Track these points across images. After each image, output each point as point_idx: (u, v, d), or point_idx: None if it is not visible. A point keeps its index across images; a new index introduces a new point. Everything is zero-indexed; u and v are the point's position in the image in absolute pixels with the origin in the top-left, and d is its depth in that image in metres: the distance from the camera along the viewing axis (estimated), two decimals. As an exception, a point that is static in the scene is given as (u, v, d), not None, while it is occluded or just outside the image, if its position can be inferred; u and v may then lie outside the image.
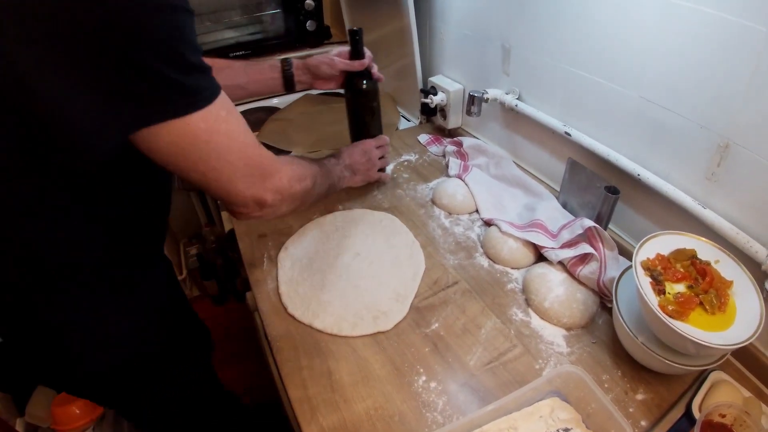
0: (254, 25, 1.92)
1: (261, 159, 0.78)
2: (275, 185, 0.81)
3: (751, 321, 0.74)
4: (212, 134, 0.68)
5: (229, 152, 0.71)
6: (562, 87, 1.15)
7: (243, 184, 0.76)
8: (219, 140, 0.69)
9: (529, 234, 1.07)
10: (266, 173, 0.79)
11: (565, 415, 0.77)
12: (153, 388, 1.05)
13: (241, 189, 0.76)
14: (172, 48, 0.60)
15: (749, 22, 0.74)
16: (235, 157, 0.72)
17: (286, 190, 0.84)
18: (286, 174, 0.84)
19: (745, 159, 0.81)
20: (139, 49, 0.57)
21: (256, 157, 0.77)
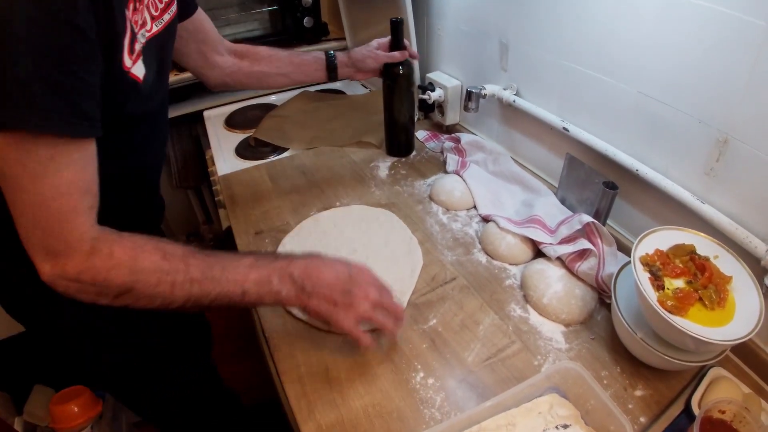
0: (252, 21, 1.92)
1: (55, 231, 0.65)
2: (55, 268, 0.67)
3: (751, 316, 0.73)
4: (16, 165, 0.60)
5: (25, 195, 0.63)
6: (560, 82, 1.14)
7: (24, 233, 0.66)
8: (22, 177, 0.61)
9: (528, 230, 1.06)
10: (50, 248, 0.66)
11: (564, 412, 0.76)
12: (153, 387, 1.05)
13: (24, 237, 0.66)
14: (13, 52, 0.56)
15: (748, 17, 0.73)
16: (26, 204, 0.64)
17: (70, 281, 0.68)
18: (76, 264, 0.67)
19: (744, 154, 0.81)
20: None
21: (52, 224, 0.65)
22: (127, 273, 0.69)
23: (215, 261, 0.75)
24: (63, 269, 0.67)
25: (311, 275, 0.78)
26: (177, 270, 0.71)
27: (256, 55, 1.25)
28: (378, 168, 1.44)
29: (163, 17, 0.87)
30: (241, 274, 0.75)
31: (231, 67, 1.22)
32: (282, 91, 2.01)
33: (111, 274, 0.68)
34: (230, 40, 1.84)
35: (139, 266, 0.69)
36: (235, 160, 1.54)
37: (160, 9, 0.86)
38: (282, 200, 1.30)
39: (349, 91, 1.98)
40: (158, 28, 0.85)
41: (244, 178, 1.42)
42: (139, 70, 0.75)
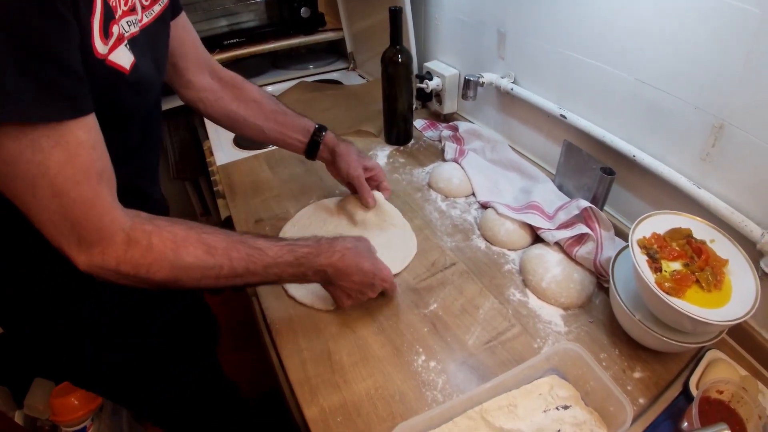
0: (248, 12, 1.92)
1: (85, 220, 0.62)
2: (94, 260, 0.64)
3: (747, 299, 0.74)
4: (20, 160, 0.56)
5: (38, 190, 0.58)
6: (558, 70, 1.15)
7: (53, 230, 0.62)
8: (28, 170, 0.56)
9: (526, 215, 1.07)
10: (83, 239, 0.63)
11: (564, 393, 0.78)
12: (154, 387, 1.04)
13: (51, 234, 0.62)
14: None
15: (744, 4, 0.74)
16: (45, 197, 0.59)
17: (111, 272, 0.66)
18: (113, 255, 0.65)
19: (740, 140, 0.82)
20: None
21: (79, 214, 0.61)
22: (169, 268, 0.68)
23: (257, 256, 0.76)
24: (102, 259, 0.64)
25: (342, 275, 0.85)
26: (221, 266, 0.72)
27: (242, 93, 1.11)
28: (377, 156, 1.44)
29: (153, 8, 0.80)
30: (281, 269, 0.79)
31: (207, 95, 1.07)
32: (279, 81, 2.01)
33: (153, 269, 0.67)
34: (227, 32, 1.87)
35: (181, 262, 0.69)
36: (233, 150, 1.54)
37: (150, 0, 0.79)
38: (281, 189, 1.30)
39: (346, 82, 1.98)
40: (149, 19, 0.77)
41: (243, 168, 1.42)
42: (122, 58, 0.67)
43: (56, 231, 0.61)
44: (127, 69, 0.68)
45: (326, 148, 1.15)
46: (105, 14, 0.63)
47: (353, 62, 2.10)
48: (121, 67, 0.67)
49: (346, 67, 2.13)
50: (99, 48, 0.62)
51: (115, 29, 0.66)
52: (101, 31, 0.62)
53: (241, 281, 0.76)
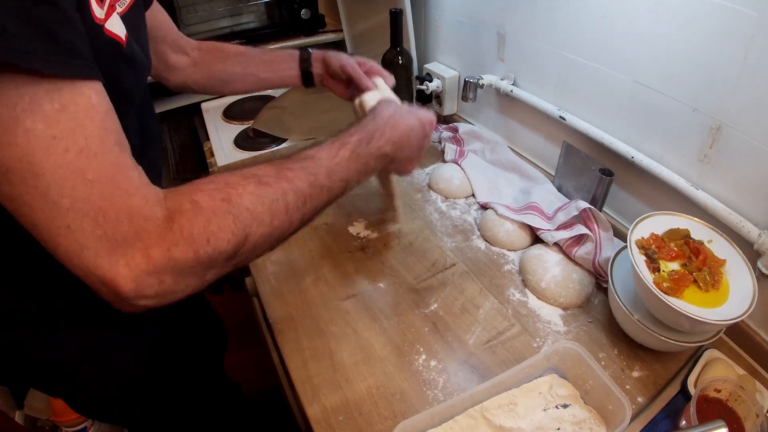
0: (249, 14, 1.92)
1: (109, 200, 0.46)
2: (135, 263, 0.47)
3: (744, 298, 0.75)
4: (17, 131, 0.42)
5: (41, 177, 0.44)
6: (557, 72, 1.16)
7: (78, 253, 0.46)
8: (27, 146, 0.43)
9: (525, 216, 1.08)
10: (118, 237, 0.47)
11: (564, 392, 0.78)
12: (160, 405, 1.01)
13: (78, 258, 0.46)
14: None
15: (740, 7, 0.75)
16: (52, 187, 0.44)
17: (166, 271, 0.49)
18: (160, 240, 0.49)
19: (737, 141, 0.82)
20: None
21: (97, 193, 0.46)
22: (232, 221, 0.52)
23: (313, 166, 0.64)
24: (147, 259, 0.47)
25: (402, 147, 0.79)
26: (285, 192, 0.59)
27: (221, 52, 1.08)
28: (377, 158, 1.45)
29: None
30: (344, 171, 0.68)
31: (191, 68, 1.05)
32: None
33: (213, 232, 0.51)
34: (227, 33, 1.87)
35: (240, 207, 0.54)
36: (234, 151, 1.55)
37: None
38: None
39: (346, 83, 1.99)
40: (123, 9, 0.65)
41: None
42: (117, 27, 0.58)
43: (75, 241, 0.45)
44: (123, 40, 0.59)
45: (317, 63, 1.09)
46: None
47: (353, 63, 2.10)
48: (118, 37, 0.58)
49: (346, 69, 2.13)
50: (96, 11, 0.53)
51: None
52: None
53: (312, 205, 0.63)
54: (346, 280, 1.03)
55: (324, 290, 1.00)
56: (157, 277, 0.48)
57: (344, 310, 0.96)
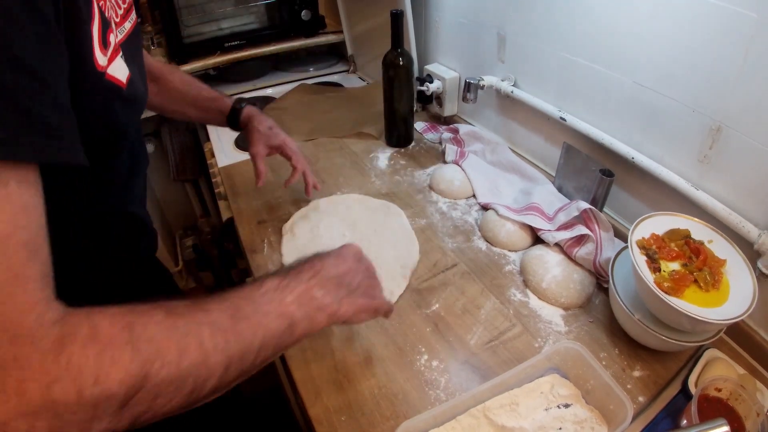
0: (249, 15, 1.92)
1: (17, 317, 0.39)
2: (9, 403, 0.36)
3: (744, 298, 0.75)
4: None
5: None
6: (557, 73, 1.16)
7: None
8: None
9: (526, 217, 1.09)
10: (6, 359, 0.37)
11: (565, 391, 0.79)
12: None
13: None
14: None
15: (740, 8, 0.75)
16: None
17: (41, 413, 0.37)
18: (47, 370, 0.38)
19: (737, 142, 0.83)
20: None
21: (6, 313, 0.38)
22: (130, 353, 0.42)
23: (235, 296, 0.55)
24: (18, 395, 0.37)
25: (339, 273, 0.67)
26: (199, 322, 0.49)
27: (167, 84, 1.10)
28: (377, 159, 1.45)
29: (124, 24, 0.71)
30: (276, 301, 0.57)
31: None
32: (280, 83, 2.02)
33: (103, 363, 0.40)
34: (228, 34, 1.88)
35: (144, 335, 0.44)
36: (234, 152, 1.55)
37: (120, 15, 0.70)
38: (283, 191, 1.31)
39: (346, 85, 2.00)
40: (122, 36, 0.67)
41: (244, 170, 1.43)
42: (120, 71, 0.59)
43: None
44: (123, 83, 0.60)
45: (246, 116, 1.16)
46: (102, 22, 0.55)
47: (353, 65, 2.11)
48: (119, 81, 0.59)
49: (346, 70, 2.14)
50: (99, 59, 0.53)
51: (112, 38, 0.58)
52: (100, 41, 0.54)
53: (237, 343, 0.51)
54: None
55: (325, 291, 1.00)
56: (27, 421, 0.37)
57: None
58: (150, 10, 1.70)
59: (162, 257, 2.29)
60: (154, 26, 1.71)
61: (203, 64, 1.82)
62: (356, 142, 1.54)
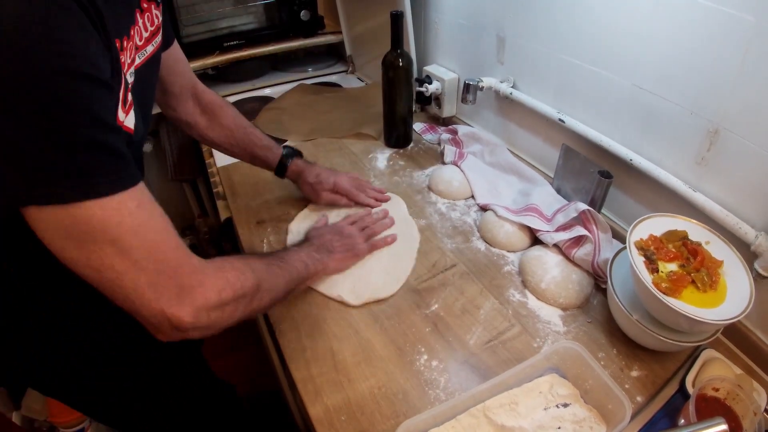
0: (248, 15, 1.92)
1: (179, 266, 0.63)
2: (197, 303, 0.64)
3: (742, 299, 0.76)
4: (111, 227, 0.56)
5: (133, 250, 0.58)
6: (556, 75, 1.17)
7: (152, 294, 0.61)
8: (121, 235, 0.57)
9: (525, 218, 1.09)
10: (184, 286, 0.63)
11: (564, 391, 0.79)
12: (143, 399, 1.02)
13: (149, 300, 0.61)
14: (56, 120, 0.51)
15: (738, 12, 0.76)
16: (141, 257, 0.59)
17: (214, 308, 0.66)
18: (212, 287, 0.66)
19: (734, 144, 0.83)
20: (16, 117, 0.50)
21: (172, 261, 0.62)
22: (251, 273, 0.73)
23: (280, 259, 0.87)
24: (205, 299, 0.65)
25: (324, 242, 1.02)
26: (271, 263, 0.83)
27: (216, 119, 1.16)
28: (376, 159, 1.46)
29: (146, 48, 0.79)
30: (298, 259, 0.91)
31: (187, 119, 1.14)
32: (279, 84, 2.02)
33: (241, 278, 0.71)
34: (226, 33, 1.88)
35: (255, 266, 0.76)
36: (233, 152, 1.55)
37: (145, 38, 0.79)
38: (282, 191, 1.31)
39: (345, 85, 2.00)
40: (141, 60, 0.76)
41: (243, 169, 1.42)
42: (130, 120, 0.68)
43: (155, 293, 0.61)
44: (132, 129, 0.68)
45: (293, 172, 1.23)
46: (125, 83, 0.65)
47: (352, 65, 2.11)
48: (130, 130, 0.67)
49: (345, 70, 2.14)
50: (120, 116, 0.64)
51: (129, 96, 0.67)
52: (122, 101, 0.64)
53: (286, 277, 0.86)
54: (347, 281, 1.03)
55: (325, 290, 1.01)
56: (210, 314, 0.66)
57: (345, 310, 0.96)
58: (149, 9, 1.70)
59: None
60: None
61: (202, 63, 1.82)
62: (355, 142, 1.54)
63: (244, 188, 1.35)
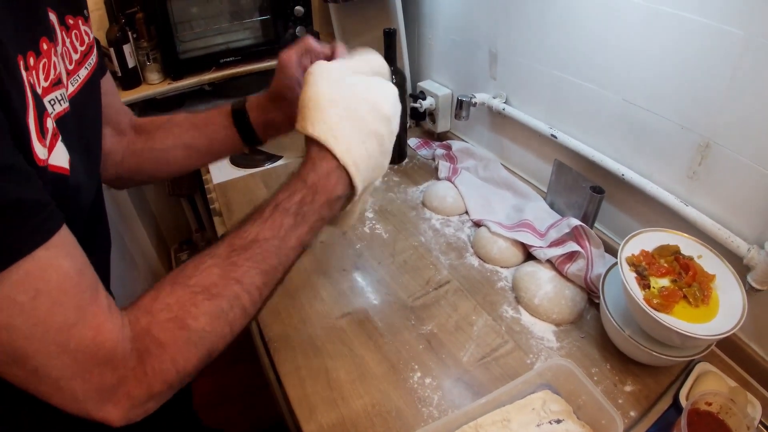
0: (244, 31, 1.93)
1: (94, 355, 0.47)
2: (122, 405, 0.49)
3: (734, 312, 0.76)
4: None
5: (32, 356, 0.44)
6: (548, 91, 1.18)
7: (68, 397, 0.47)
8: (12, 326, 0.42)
9: (518, 234, 1.09)
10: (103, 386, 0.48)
11: (557, 407, 0.79)
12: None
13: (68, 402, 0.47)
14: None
15: (728, 27, 0.77)
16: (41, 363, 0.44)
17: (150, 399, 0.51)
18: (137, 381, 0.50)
19: (725, 158, 0.84)
20: None
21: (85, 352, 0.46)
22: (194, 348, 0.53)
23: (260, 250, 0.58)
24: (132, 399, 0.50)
25: None
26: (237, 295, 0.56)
27: (151, 125, 0.89)
28: (372, 175, 1.46)
29: (79, 72, 0.64)
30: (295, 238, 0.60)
31: (124, 151, 0.86)
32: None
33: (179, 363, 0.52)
34: (223, 50, 1.89)
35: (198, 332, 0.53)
36: (229, 168, 1.55)
37: (75, 61, 0.63)
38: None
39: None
40: (75, 88, 0.62)
41: (239, 186, 1.43)
42: (60, 157, 0.51)
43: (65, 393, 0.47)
44: (67, 169, 0.53)
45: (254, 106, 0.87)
46: (37, 106, 0.47)
47: (347, 80, 2.12)
48: (62, 170, 0.52)
49: (340, 85, 2.14)
50: (39, 152, 0.47)
51: (50, 123, 0.50)
52: (38, 130, 0.47)
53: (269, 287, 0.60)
54: (341, 298, 1.04)
55: (319, 308, 1.01)
56: (142, 407, 0.51)
57: (340, 328, 0.96)
58: (146, 25, 1.71)
59: (157, 271, 2.29)
60: (149, 42, 1.72)
61: (198, 79, 1.83)
62: (350, 158, 1.55)
63: (240, 206, 1.35)
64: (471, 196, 1.28)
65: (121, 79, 1.70)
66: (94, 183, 0.67)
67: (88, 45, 0.68)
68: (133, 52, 1.70)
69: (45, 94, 0.52)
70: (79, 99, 0.62)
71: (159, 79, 1.79)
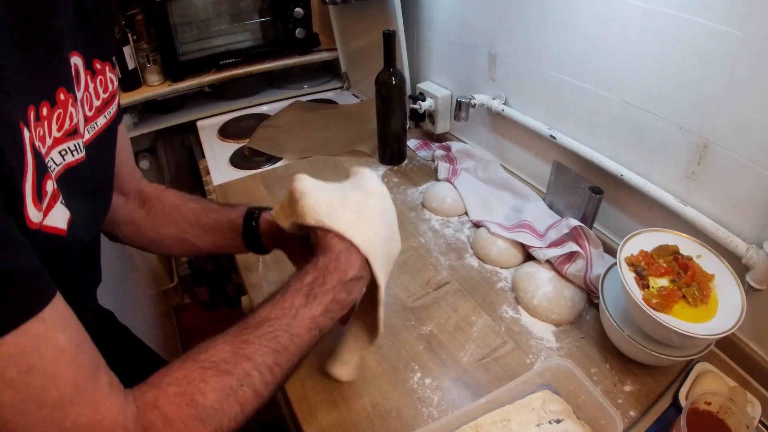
0: (244, 32, 1.94)
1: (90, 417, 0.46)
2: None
3: (733, 312, 0.76)
4: None
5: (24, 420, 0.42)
6: (547, 92, 1.18)
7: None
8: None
9: (517, 234, 1.10)
10: None
11: (557, 407, 0.79)
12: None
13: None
14: None
15: (726, 27, 0.77)
16: None
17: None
18: None
19: (724, 158, 0.84)
20: None
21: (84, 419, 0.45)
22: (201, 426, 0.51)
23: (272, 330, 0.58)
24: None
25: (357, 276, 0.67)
26: (247, 373, 0.55)
27: (158, 202, 0.87)
28: (371, 176, 1.46)
29: (97, 120, 0.65)
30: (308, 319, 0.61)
31: (124, 219, 0.85)
32: (275, 101, 2.03)
33: None
34: (222, 51, 1.89)
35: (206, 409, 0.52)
36: (230, 170, 1.56)
37: (96, 108, 0.64)
38: (278, 209, 1.32)
39: (340, 101, 2.01)
40: (91, 135, 0.63)
41: (239, 188, 1.44)
42: (58, 218, 0.51)
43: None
44: (64, 230, 0.52)
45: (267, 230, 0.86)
46: (37, 169, 0.46)
47: (347, 82, 2.12)
48: (58, 230, 0.51)
49: (340, 87, 2.15)
50: (33, 217, 0.46)
51: (49, 186, 0.49)
52: (34, 195, 0.46)
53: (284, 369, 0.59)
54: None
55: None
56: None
57: (339, 328, 0.96)
58: (146, 27, 1.71)
59: (157, 273, 2.29)
60: (149, 44, 1.72)
61: (198, 81, 1.84)
62: (350, 159, 1.55)
63: (240, 206, 1.35)
64: (470, 197, 1.28)
65: (121, 81, 1.70)
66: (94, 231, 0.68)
67: (111, 93, 0.68)
68: (133, 53, 1.70)
69: (55, 145, 0.52)
70: (95, 146, 0.63)
71: (159, 81, 1.79)
